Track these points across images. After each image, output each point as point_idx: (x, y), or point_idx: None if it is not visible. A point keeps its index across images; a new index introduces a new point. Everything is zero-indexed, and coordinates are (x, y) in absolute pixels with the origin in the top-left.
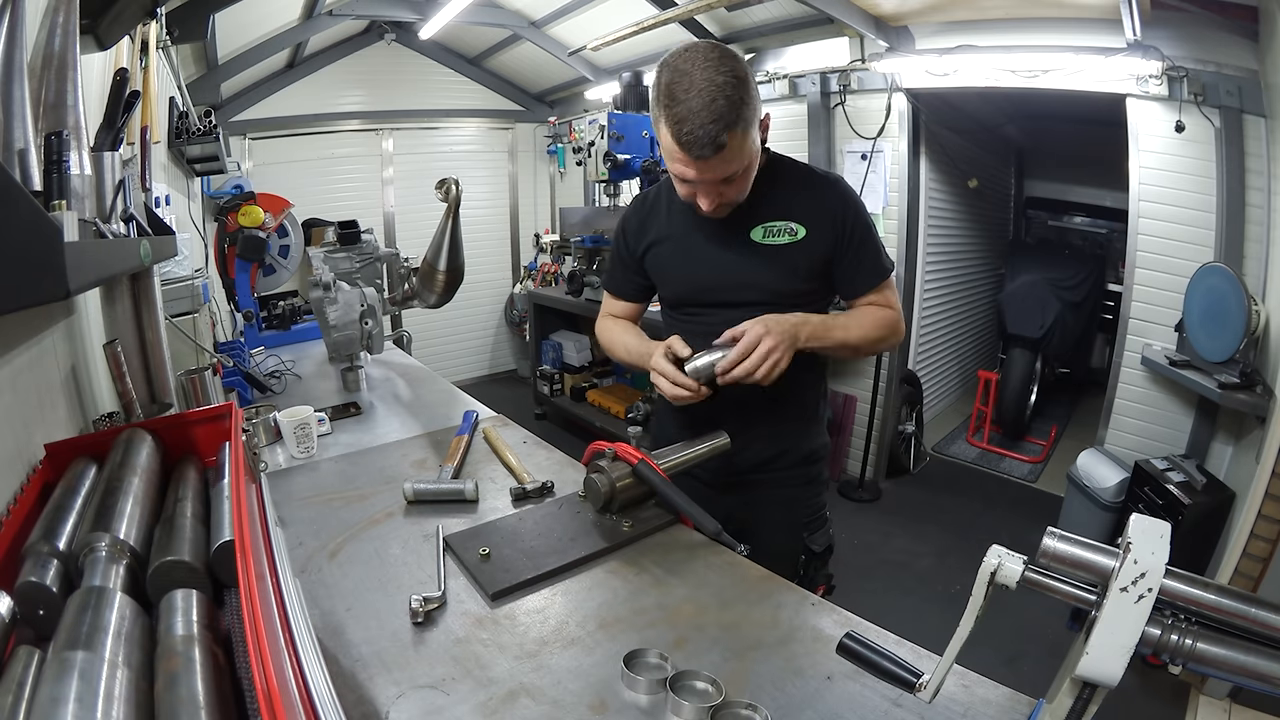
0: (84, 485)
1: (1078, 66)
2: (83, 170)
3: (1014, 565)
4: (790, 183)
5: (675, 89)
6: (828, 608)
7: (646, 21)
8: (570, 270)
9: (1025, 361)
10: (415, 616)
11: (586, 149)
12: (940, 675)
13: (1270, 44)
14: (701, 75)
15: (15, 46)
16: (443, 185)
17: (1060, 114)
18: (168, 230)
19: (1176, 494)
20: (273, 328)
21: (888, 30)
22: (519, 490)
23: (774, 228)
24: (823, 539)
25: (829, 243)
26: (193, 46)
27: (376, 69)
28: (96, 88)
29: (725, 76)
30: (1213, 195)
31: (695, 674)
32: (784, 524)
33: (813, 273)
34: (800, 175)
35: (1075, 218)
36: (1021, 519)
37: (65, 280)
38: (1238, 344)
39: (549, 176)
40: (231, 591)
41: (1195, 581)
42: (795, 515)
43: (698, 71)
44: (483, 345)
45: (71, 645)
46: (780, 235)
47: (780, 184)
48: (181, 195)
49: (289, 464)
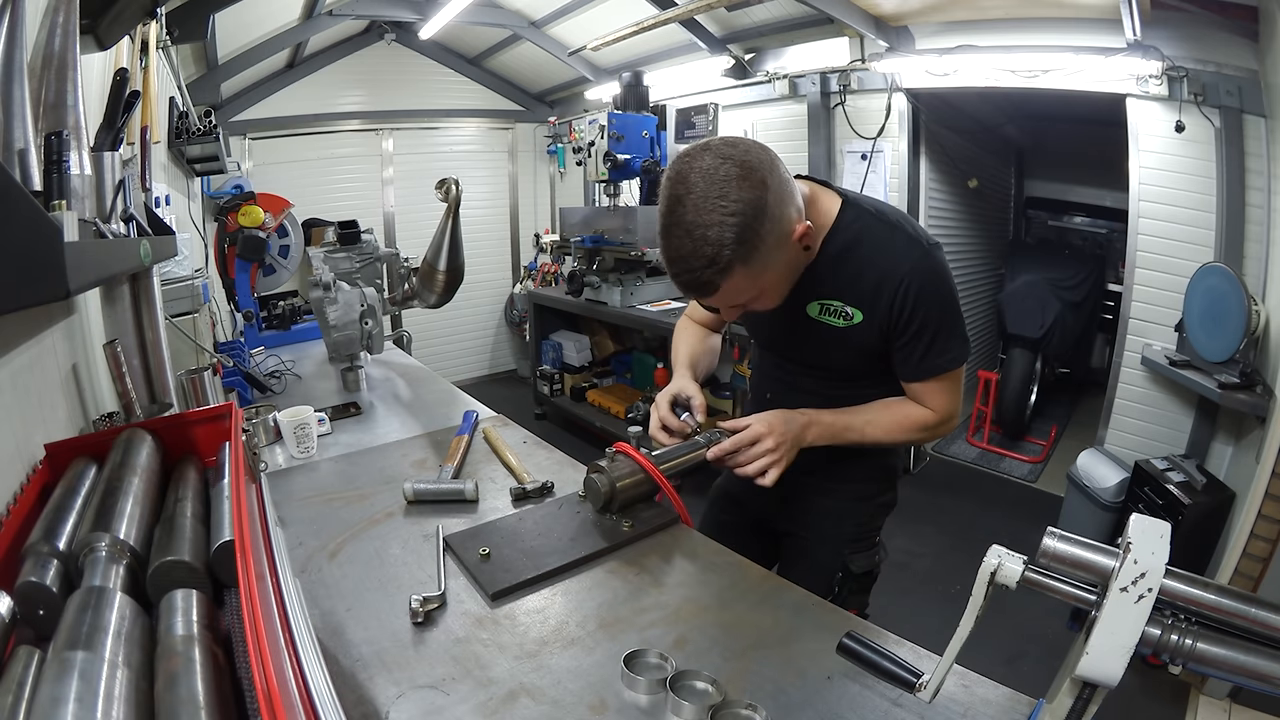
0: (84, 485)
1: (1078, 66)
2: (83, 170)
3: (1014, 565)
4: (858, 253)
5: (667, 219)
6: (828, 608)
7: (646, 21)
8: (570, 270)
9: (1025, 361)
10: (415, 616)
11: (586, 149)
12: (940, 675)
13: (1270, 44)
14: (696, 207)
15: (15, 46)
16: (443, 185)
17: (1060, 114)
18: (168, 230)
19: (1176, 494)
20: (273, 328)
21: (888, 30)
22: (519, 490)
23: (830, 307)
24: (864, 561)
25: (886, 328)
26: (193, 46)
27: (376, 69)
28: (96, 88)
29: (725, 211)
30: (1213, 195)
31: (695, 674)
32: (825, 536)
33: (871, 354)
34: (872, 241)
35: (1075, 218)
36: (1021, 519)
37: (65, 280)
38: (1238, 344)
39: (549, 176)
40: (231, 591)
41: (1195, 581)
42: (839, 530)
43: (694, 199)
44: (483, 345)
45: (71, 645)
46: (836, 317)
47: (846, 256)
48: (181, 195)
49: (289, 464)
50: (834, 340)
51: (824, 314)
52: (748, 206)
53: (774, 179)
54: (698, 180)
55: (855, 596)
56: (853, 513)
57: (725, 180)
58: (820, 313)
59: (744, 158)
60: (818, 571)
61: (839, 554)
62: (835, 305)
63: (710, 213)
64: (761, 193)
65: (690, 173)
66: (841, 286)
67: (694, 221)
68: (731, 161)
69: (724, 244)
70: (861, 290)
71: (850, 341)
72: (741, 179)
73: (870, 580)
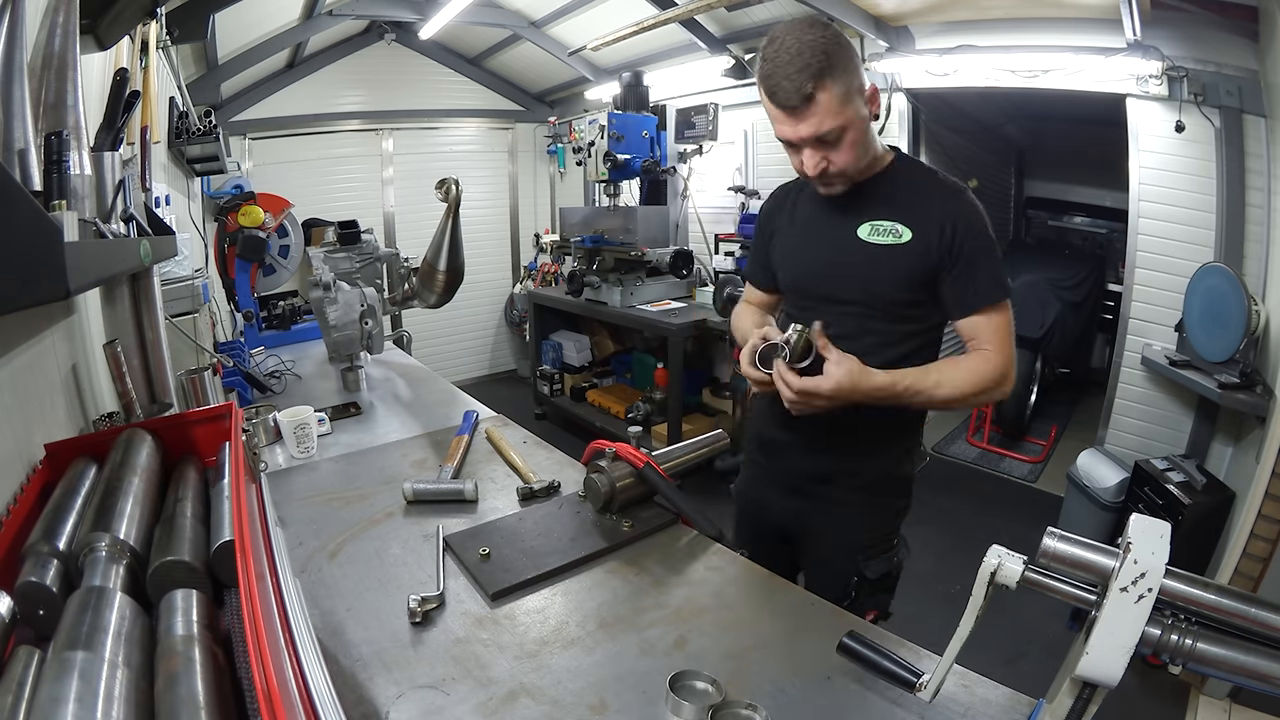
0: (84, 485)
1: (1078, 66)
2: (83, 170)
3: (1014, 565)
4: (909, 184)
5: (767, 51)
6: (828, 608)
7: (646, 21)
8: (570, 270)
9: (1025, 361)
10: (413, 616)
11: (586, 149)
12: (940, 675)
13: (1270, 44)
14: (792, 36)
15: (15, 46)
16: (443, 185)
17: (1060, 114)
18: (168, 230)
19: (1176, 494)
20: (273, 328)
21: (888, 30)
22: (526, 490)
23: (881, 227)
24: (880, 566)
25: (935, 252)
26: (193, 46)
27: (376, 69)
28: (96, 88)
29: (815, 35)
30: (1213, 195)
31: (695, 674)
32: (839, 544)
33: (914, 282)
34: (921, 178)
35: (1075, 218)
36: (1021, 519)
37: (65, 280)
38: (1238, 344)
39: (549, 176)
40: (231, 591)
41: (1195, 581)
42: (852, 537)
43: (789, 35)
44: (483, 345)
45: (71, 645)
46: (886, 235)
47: (899, 184)
48: (181, 195)
49: (289, 464)
50: (882, 261)
51: (874, 234)
52: (833, 38)
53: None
54: (790, 26)
55: (871, 599)
56: (866, 519)
57: (812, 24)
58: (870, 233)
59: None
60: (833, 577)
61: (853, 560)
62: (885, 225)
63: (803, 39)
64: (842, 38)
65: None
66: (894, 209)
67: (792, 43)
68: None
69: (818, 53)
70: (912, 214)
71: (897, 260)
72: (824, 25)
73: (891, 582)
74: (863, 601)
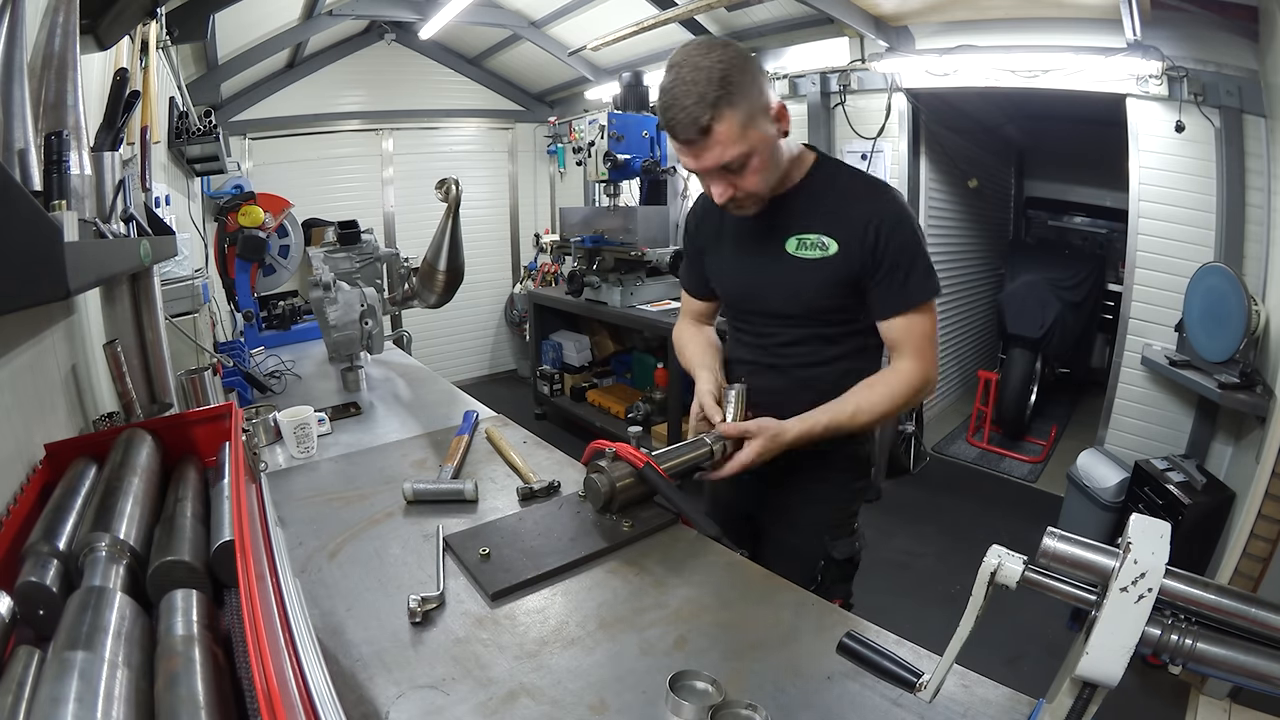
0: (84, 485)
1: (1078, 66)
2: (83, 170)
3: (1014, 565)
4: (833, 192)
5: (664, 82)
6: (827, 607)
7: (646, 21)
8: (570, 270)
9: (1025, 361)
10: (413, 616)
11: (586, 149)
12: (940, 675)
13: (1270, 44)
14: (689, 65)
15: (15, 46)
16: (443, 185)
17: (1060, 114)
18: (168, 230)
19: (1176, 494)
20: (273, 328)
21: (888, 30)
22: (526, 490)
23: (807, 240)
24: (845, 547)
25: (860, 261)
26: (193, 46)
27: (376, 69)
28: (96, 88)
29: (713, 61)
30: (1213, 195)
31: (695, 674)
32: (805, 523)
33: (843, 290)
34: (843, 183)
35: (1075, 218)
36: (1021, 519)
37: (65, 280)
38: (1238, 344)
39: (549, 176)
40: (231, 591)
41: (1195, 581)
42: (819, 516)
43: (686, 64)
44: (483, 345)
45: (71, 645)
46: (812, 249)
47: (820, 192)
48: (181, 195)
49: (289, 464)
50: (810, 273)
51: (800, 248)
52: (732, 60)
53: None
54: (690, 49)
55: (838, 585)
56: (830, 499)
57: (711, 46)
58: (797, 247)
59: (719, 40)
60: (800, 560)
61: (820, 541)
62: (811, 238)
63: (698, 67)
64: (743, 58)
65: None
66: (817, 220)
67: (689, 71)
68: (711, 40)
69: (712, 82)
70: (836, 223)
71: (826, 273)
72: (725, 45)
73: (852, 568)
74: (830, 587)
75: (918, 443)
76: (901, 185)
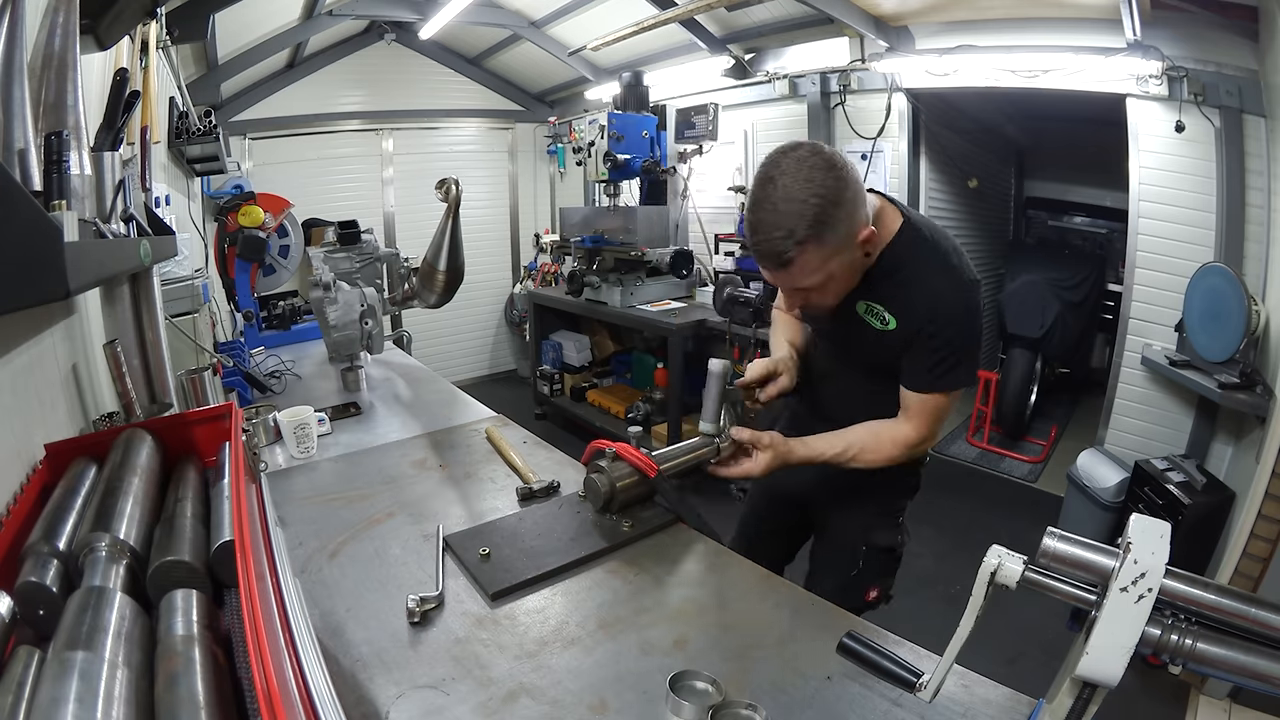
0: (84, 485)
1: (1078, 66)
2: (83, 170)
3: (1014, 565)
4: (903, 269)
5: (758, 194)
6: (827, 607)
7: (646, 21)
8: (570, 270)
9: (1025, 361)
10: (412, 616)
11: (586, 149)
12: (940, 675)
13: (1270, 44)
14: (784, 186)
15: (15, 46)
16: (443, 185)
17: (1060, 114)
18: (168, 230)
19: (1176, 494)
20: (273, 328)
21: (888, 30)
22: (525, 490)
23: (874, 309)
24: (887, 536)
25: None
26: (193, 46)
27: (376, 69)
28: (96, 88)
29: (810, 192)
30: (1213, 195)
31: (695, 674)
32: (850, 511)
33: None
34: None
35: (1075, 218)
36: (1021, 519)
37: (65, 280)
38: (1238, 344)
39: (549, 176)
40: (231, 591)
41: (1195, 581)
42: (863, 506)
43: (784, 179)
44: (483, 345)
45: (71, 645)
46: (874, 319)
47: (892, 268)
48: (181, 195)
49: (289, 464)
50: (870, 339)
51: (868, 314)
52: (830, 193)
53: (853, 181)
54: (790, 165)
55: (879, 577)
56: (877, 490)
57: (814, 168)
58: (865, 312)
59: (832, 156)
60: (841, 544)
61: (862, 527)
62: (877, 309)
63: (797, 191)
64: (842, 188)
65: (783, 159)
66: (886, 295)
67: (782, 197)
68: (821, 155)
69: (804, 218)
70: (901, 304)
71: (883, 344)
72: (828, 170)
73: (894, 560)
74: (868, 575)
75: None
76: (901, 185)
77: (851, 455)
